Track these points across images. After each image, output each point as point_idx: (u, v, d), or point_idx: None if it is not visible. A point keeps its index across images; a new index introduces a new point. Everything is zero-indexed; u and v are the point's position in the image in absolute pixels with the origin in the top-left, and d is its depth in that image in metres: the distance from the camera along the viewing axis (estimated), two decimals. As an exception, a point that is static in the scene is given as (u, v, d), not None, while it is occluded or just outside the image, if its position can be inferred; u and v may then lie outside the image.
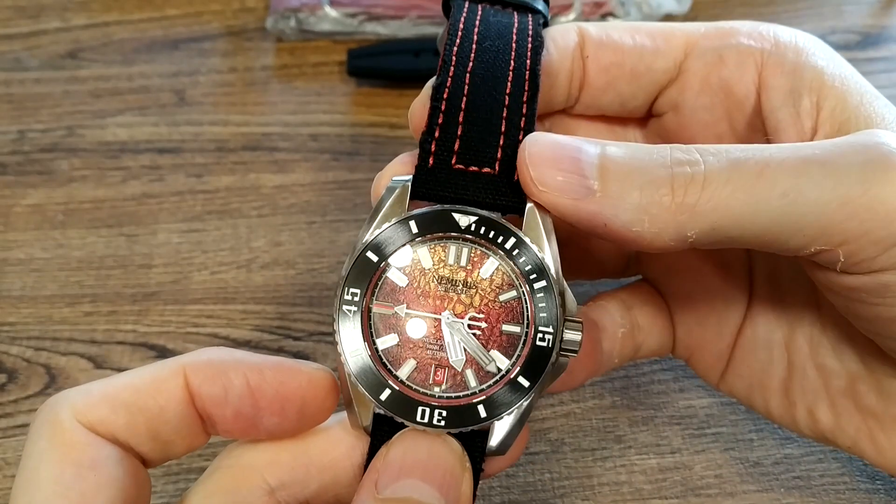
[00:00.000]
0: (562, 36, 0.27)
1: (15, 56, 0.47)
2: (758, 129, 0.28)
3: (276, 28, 0.47)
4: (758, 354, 0.29)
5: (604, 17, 0.46)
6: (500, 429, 0.23)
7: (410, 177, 0.24)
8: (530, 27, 0.26)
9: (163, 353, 0.37)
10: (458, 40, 0.25)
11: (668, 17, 0.47)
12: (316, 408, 0.23)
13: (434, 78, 0.25)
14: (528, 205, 0.24)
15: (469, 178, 0.24)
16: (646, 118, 0.30)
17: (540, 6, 0.28)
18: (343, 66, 0.46)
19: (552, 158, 0.23)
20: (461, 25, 0.26)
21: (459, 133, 0.24)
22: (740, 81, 0.27)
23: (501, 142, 0.24)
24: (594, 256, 0.31)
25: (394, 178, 0.24)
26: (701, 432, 0.35)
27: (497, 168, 0.24)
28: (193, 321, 0.38)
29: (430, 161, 0.24)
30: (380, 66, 0.45)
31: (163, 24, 0.48)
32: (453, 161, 0.24)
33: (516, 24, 0.27)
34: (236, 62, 0.47)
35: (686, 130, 0.28)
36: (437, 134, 0.24)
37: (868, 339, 0.26)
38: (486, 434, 0.23)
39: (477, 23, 0.26)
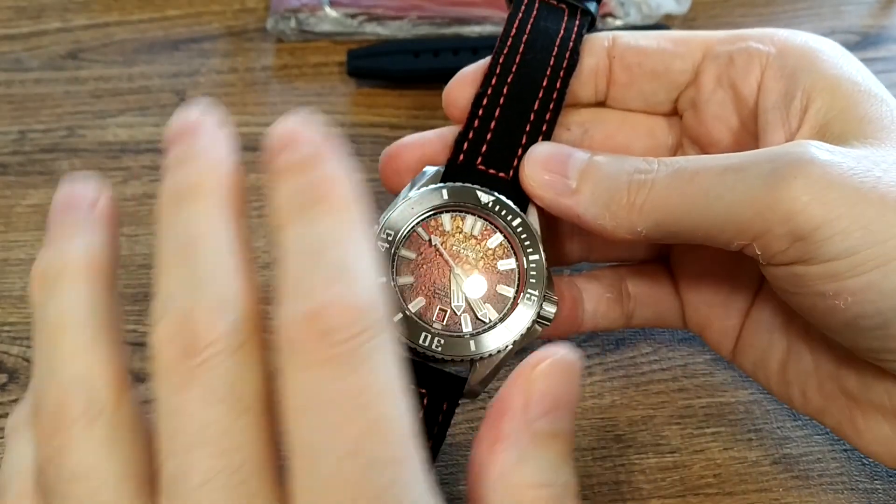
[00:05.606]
0: (595, 40, 0.31)
1: (15, 56, 0.47)
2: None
3: (276, 29, 0.47)
4: (761, 336, 0.31)
5: (603, 17, 0.46)
6: (478, 373, 0.27)
7: (442, 167, 0.29)
8: (572, 40, 0.30)
9: (163, 352, 0.37)
10: (506, 50, 0.30)
11: (668, 18, 0.47)
12: None
13: (480, 86, 0.29)
14: (528, 209, 0.28)
15: (487, 178, 0.29)
16: (678, 116, 0.33)
17: (592, 7, 0.31)
18: (343, 67, 0.46)
19: (545, 161, 0.28)
20: (513, 32, 0.30)
21: (488, 139, 0.29)
22: (745, 81, 0.29)
23: (519, 153, 0.29)
24: (619, 245, 0.34)
25: (427, 167, 0.29)
26: (700, 432, 0.35)
27: (511, 174, 0.29)
28: (194, 321, 0.38)
29: (461, 158, 0.29)
30: (380, 66, 0.45)
31: (163, 24, 0.49)
32: (478, 162, 0.29)
33: (561, 33, 0.30)
34: (236, 63, 0.47)
35: (702, 126, 0.31)
36: (470, 136, 0.29)
37: None
38: (464, 381, 0.27)
39: (528, 29, 0.30)
